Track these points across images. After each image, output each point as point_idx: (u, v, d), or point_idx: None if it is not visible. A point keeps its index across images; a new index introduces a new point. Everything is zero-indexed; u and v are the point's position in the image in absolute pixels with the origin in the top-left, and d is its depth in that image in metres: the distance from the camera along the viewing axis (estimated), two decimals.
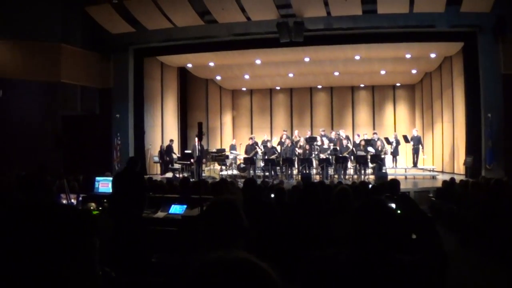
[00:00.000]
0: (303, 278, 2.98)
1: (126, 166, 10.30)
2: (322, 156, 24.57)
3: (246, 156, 25.42)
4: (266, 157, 25.14)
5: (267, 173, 24.71)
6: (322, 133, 27.71)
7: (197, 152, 21.44)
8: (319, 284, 2.94)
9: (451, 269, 2.99)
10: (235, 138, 30.08)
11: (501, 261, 9.64)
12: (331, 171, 24.90)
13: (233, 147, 27.77)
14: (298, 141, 26.74)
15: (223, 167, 26.20)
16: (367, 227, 2.91)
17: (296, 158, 25.24)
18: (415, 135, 27.37)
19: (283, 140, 26.27)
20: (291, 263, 3.10)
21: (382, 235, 2.87)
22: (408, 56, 25.76)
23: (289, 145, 25.39)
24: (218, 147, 30.08)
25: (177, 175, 23.77)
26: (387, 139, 26.40)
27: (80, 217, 1.75)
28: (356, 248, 2.92)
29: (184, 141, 30.98)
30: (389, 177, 19.37)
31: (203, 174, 24.15)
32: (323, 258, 2.99)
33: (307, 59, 26.89)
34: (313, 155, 25.26)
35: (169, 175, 24.66)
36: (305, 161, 24.21)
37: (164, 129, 28.80)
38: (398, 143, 26.74)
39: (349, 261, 2.88)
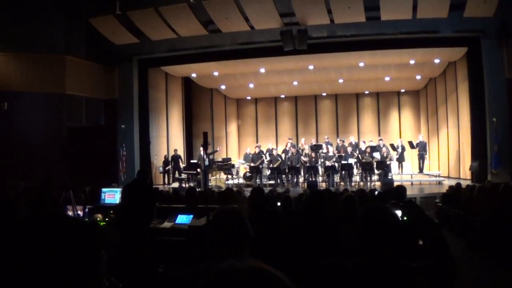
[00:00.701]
0: (312, 287, 2.98)
1: (136, 177, 10.27)
2: (327, 163, 24.56)
3: (252, 164, 25.40)
4: (271, 165, 25.14)
5: (273, 181, 24.67)
6: (327, 140, 27.75)
7: (203, 161, 21.47)
8: None
9: (458, 274, 2.99)
10: (248, 147, 29.91)
11: (509, 265, 9.62)
12: (337, 178, 24.87)
13: (247, 157, 27.59)
14: (304, 149, 26.74)
15: (229, 176, 26.16)
16: (372, 235, 2.91)
17: (302, 166, 25.20)
18: (421, 140, 27.37)
19: (287, 148, 26.27)
20: (299, 271, 3.10)
21: (387, 242, 2.87)
22: (412, 62, 25.74)
23: (294, 153, 25.35)
24: (224, 156, 30.09)
25: (183, 185, 23.77)
26: (392, 145, 26.39)
27: (87, 229, 1.76)
28: (362, 255, 2.92)
29: (189, 151, 30.99)
30: (395, 184, 19.37)
31: (209, 184, 24.12)
32: (331, 266, 2.99)
33: (311, 67, 26.93)
34: (319, 163, 25.22)
35: (175, 185, 24.66)
36: (311, 168, 24.19)
37: (169, 139, 28.85)
38: (403, 149, 26.73)
39: (356, 269, 2.88)
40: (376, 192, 14.65)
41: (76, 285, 1.62)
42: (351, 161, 24.42)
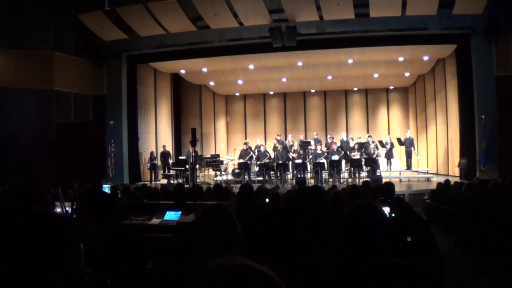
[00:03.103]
0: (300, 283, 2.97)
1: (90, 187, 10.21)
2: (316, 160, 24.51)
3: (240, 161, 25.35)
4: (259, 161, 25.12)
5: (261, 178, 24.64)
6: (315, 137, 27.71)
7: (191, 158, 21.46)
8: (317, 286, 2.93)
9: (447, 271, 2.99)
10: (237, 144, 29.91)
11: (498, 262, 9.65)
12: (325, 175, 24.85)
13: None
14: (292, 145, 26.71)
15: (218, 173, 26.13)
16: (358, 231, 2.91)
17: (291, 162, 25.16)
18: (408, 136, 27.39)
19: (276, 145, 26.21)
20: (288, 268, 3.10)
21: (373, 238, 2.87)
22: (401, 59, 25.77)
23: (280, 150, 25.31)
24: (212, 152, 30.07)
25: (172, 181, 23.73)
26: (381, 142, 26.40)
27: (60, 223, 1.74)
28: (350, 252, 2.92)
29: (178, 147, 30.96)
30: (384, 180, 19.40)
31: (198, 180, 24.09)
32: (319, 263, 2.98)
33: (300, 64, 26.93)
34: (307, 160, 25.18)
35: (164, 181, 24.63)
36: (300, 165, 24.16)
37: (158, 135, 28.79)
38: (392, 145, 26.73)
39: (344, 266, 2.87)
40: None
41: (52, 278, 1.61)
42: (336, 158, 24.30)
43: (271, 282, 1.36)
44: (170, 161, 26.73)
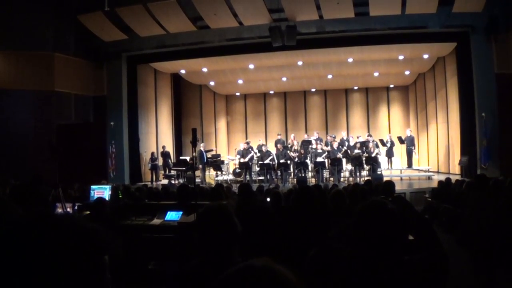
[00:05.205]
0: (310, 268, 2.99)
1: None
2: (317, 159, 24.47)
3: (242, 160, 25.31)
4: (262, 161, 25.06)
5: (262, 178, 24.61)
6: (316, 135, 27.68)
7: (201, 158, 21.52)
8: (324, 275, 2.94)
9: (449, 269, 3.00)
10: (229, 143, 29.86)
11: (499, 260, 9.63)
12: (326, 174, 24.82)
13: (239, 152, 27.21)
14: (293, 145, 26.68)
15: (219, 173, 26.09)
16: (370, 228, 2.91)
17: (292, 162, 25.12)
18: (408, 135, 27.35)
19: (277, 144, 26.17)
20: (289, 266, 3.10)
21: (384, 235, 2.88)
22: (401, 57, 25.80)
23: (280, 149, 25.28)
24: (214, 152, 30.06)
25: (173, 182, 23.71)
26: (382, 141, 26.39)
27: (90, 232, 1.66)
28: (359, 247, 2.93)
29: (178, 148, 30.94)
30: (385, 179, 19.39)
31: (197, 180, 24.05)
32: (329, 251, 2.99)
33: (300, 63, 26.92)
34: (308, 159, 25.13)
35: (165, 181, 24.60)
36: (301, 164, 24.14)
37: (158, 135, 28.77)
38: (393, 144, 26.71)
39: (353, 257, 2.88)
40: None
41: None
42: (338, 156, 24.27)
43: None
44: (170, 162, 26.71)
